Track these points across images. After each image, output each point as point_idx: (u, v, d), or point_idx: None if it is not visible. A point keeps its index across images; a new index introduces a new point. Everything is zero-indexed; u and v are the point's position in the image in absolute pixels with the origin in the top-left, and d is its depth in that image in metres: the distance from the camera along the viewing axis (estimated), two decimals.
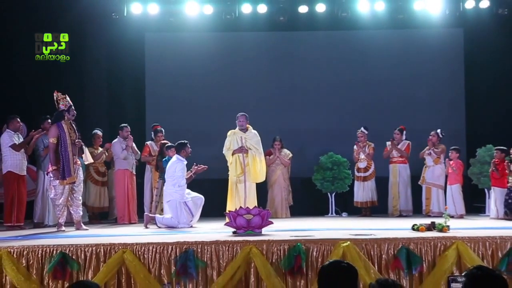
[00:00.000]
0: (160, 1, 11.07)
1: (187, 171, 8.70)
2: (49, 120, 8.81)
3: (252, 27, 11.55)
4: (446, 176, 10.16)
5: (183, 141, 8.71)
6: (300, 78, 11.95)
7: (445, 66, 12.01)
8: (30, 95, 10.77)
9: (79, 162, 8.27)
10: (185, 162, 8.58)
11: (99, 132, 10.05)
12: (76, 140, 8.08)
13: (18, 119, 8.76)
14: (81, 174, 8.28)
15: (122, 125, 9.79)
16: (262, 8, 11.15)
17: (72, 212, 8.10)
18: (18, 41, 10.78)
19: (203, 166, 8.80)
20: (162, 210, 9.05)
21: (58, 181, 7.90)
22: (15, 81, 10.83)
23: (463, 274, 3.40)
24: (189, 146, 8.67)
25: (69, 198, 8.02)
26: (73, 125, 8.13)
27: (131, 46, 11.69)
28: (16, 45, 10.79)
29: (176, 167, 8.47)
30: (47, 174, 8.36)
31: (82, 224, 8.18)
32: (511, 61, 11.48)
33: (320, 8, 11.19)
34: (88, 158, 9.22)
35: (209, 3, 11.06)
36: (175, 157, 8.67)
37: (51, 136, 7.99)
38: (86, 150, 9.06)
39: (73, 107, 8.06)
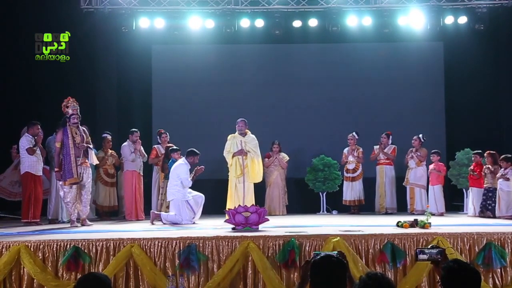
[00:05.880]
0: (166, 16, 11.09)
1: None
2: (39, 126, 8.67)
3: (250, 40, 11.56)
4: (428, 177, 10.20)
5: (195, 150, 8.62)
6: (294, 87, 11.95)
7: (427, 76, 12.01)
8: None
9: (87, 163, 8.20)
10: (189, 167, 8.56)
11: (109, 137, 9.98)
12: (79, 144, 8.00)
13: (39, 126, 8.68)
14: (89, 174, 8.25)
15: (132, 130, 9.76)
16: (259, 23, 11.18)
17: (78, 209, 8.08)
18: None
19: (201, 167, 8.71)
20: (167, 207, 9.04)
21: (61, 182, 7.93)
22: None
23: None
24: (198, 157, 8.61)
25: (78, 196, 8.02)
26: (80, 129, 8.08)
27: (139, 57, 11.71)
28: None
29: (181, 169, 8.45)
30: None
31: (87, 220, 8.18)
32: (486, 71, 11.52)
33: (313, 22, 11.22)
34: (93, 160, 9.15)
35: (210, 17, 11.10)
36: (181, 160, 8.65)
37: (57, 140, 8.05)
38: (92, 152, 8.96)
39: (75, 114, 7.95)
